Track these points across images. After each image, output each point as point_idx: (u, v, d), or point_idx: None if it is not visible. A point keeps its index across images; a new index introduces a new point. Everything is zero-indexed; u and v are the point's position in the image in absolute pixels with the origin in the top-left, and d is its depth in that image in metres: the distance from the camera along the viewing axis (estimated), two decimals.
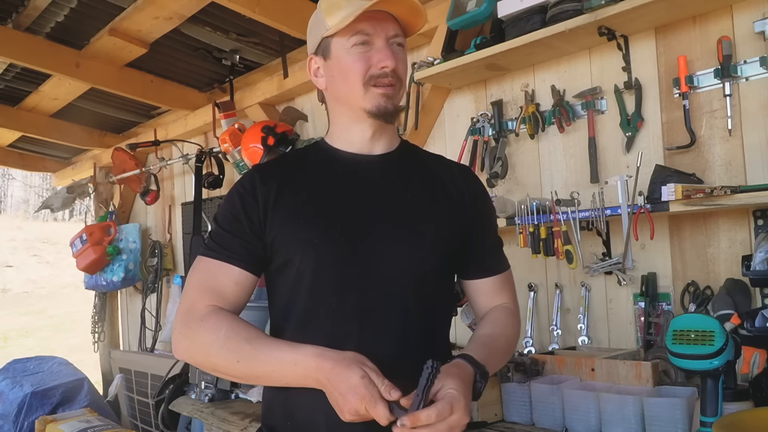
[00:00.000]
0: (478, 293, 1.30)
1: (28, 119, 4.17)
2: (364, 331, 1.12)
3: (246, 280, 1.17)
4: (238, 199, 1.20)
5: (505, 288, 1.31)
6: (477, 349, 1.14)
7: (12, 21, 3.00)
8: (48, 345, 10.55)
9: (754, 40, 1.82)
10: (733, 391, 1.37)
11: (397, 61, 1.17)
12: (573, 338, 2.21)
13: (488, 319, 1.27)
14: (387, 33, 1.17)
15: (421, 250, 1.18)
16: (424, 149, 1.38)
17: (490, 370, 1.12)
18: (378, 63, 1.15)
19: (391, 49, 1.17)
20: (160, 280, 4.38)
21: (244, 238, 1.17)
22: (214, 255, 1.17)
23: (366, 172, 1.23)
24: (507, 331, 1.24)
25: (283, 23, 2.68)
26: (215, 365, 1.12)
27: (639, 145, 2.06)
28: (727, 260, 1.89)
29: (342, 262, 1.14)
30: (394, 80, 1.17)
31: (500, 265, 1.32)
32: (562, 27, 1.98)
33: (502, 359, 1.26)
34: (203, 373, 2.42)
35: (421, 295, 1.17)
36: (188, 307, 1.15)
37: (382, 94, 1.17)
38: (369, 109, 1.18)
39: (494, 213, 1.39)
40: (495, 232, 1.35)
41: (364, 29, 1.15)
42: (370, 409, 0.96)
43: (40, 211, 5.62)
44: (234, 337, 1.09)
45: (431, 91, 2.59)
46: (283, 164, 1.28)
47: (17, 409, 3.89)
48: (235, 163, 3.20)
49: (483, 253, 1.29)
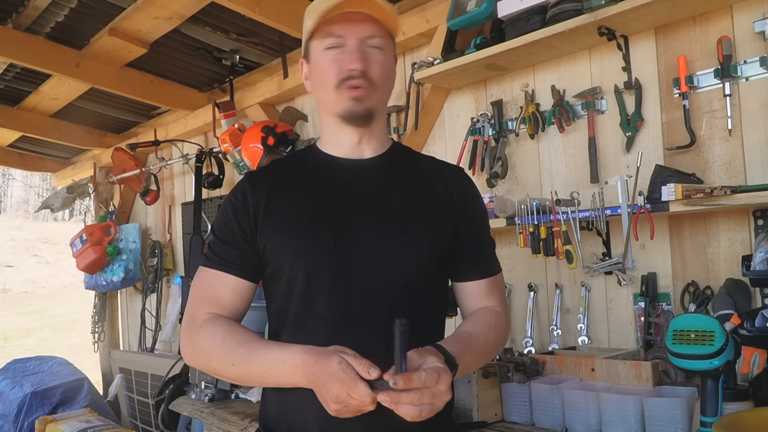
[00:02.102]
0: (465, 295, 1.29)
1: (28, 119, 4.17)
2: (354, 336, 1.12)
3: (242, 287, 1.21)
4: (230, 209, 1.23)
5: (493, 291, 1.29)
6: (451, 343, 1.12)
7: (12, 21, 3.00)
8: (48, 345, 10.55)
9: (754, 40, 1.82)
10: (733, 391, 1.37)
11: (368, 62, 1.15)
12: (573, 338, 2.21)
13: (471, 317, 1.26)
14: (360, 34, 1.15)
15: (410, 254, 1.18)
16: (416, 150, 1.38)
17: (463, 366, 1.09)
18: (347, 65, 1.15)
19: (362, 51, 1.15)
20: (160, 280, 4.38)
21: (238, 247, 1.20)
22: (211, 265, 1.22)
23: (354, 176, 1.24)
24: (488, 332, 1.21)
25: (283, 23, 2.68)
26: (215, 369, 1.16)
27: (639, 145, 2.06)
28: (727, 260, 1.89)
29: (330, 269, 1.16)
30: (363, 82, 1.15)
31: (489, 269, 1.30)
32: (562, 27, 1.98)
33: (479, 358, 1.22)
34: (203, 374, 2.42)
35: (411, 298, 1.17)
36: (190, 316, 1.20)
37: (351, 97, 1.16)
38: (339, 112, 1.19)
39: (486, 214, 1.36)
40: (486, 234, 1.33)
41: (336, 31, 1.15)
42: (351, 392, 0.94)
43: (40, 211, 5.62)
44: (229, 342, 1.13)
45: (431, 91, 2.59)
46: (274, 171, 1.30)
47: (17, 409, 3.89)
48: (235, 163, 3.20)
49: (472, 256, 1.27)
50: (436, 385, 0.95)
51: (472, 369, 1.23)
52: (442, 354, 1.05)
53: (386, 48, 1.19)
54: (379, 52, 1.18)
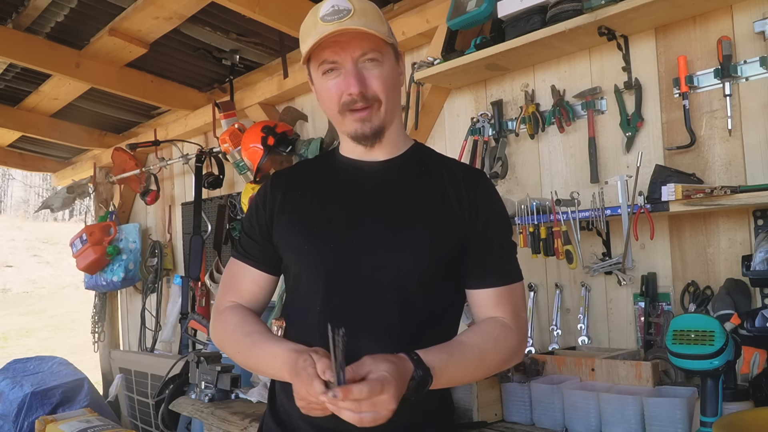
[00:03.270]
0: (473, 304, 1.25)
1: (28, 119, 4.17)
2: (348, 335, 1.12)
3: (262, 279, 1.30)
4: (254, 205, 1.32)
5: (505, 302, 1.21)
6: (434, 352, 1.08)
7: (12, 21, 3.00)
8: (48, 345, 10.55)
9: (754, 40, 1.82)
10: (733, 391, 1.36)
11: (367, 79, 1.16)
12: (573, 338, 2.21)
13: (473, 327, 1.21)
14: (353, 55, 1.15)
15: (409, 257, 1.17)
16: (437, 153, 1.35)
17: (444, 377, 1.07)
18: (345, 90, 1.16)
19: (357, 71, 1.15)
20: (160, 280, 4.38)
21: (258, 242, 1.29)
22: (237, 256, 1.33)
23: (364, 178, 1.25)
24: (485, 344, 1.15)
25: (283, 23, 2.68)
26: (228, 353, 1.27)
27: (639, 145, 2.06)
28: (727, 260, 1.89)
29: (329, 268, 1.19)
30: (365, 103, 1.16)
31: (501, 278, 1.22)
32: (562, 27, 1.98)
33: (470, 370, 1.16)
34: (203, 373, 2.43)
35: (409, 300, 1.17)
36: (217, 302, 1.33)
37: (357, 120, 1.19)
38: (348, 134, 1.23)
39: (502, 219, 1.28)
40: (502, 240, 1.26)
41: (329, 58, 1.16)
42: (308, 389, 0.98)
43: (40, 211, 5.62)
44: (239, 332, 1.23)
45: (431, 91, 2.59)
46: (295, 171, 1.36)
47: (17, 409, 3.89)
48: (235, 163, 3.20)
49: (482, 263, 1.22)
50: (379, 395, 0.94)
51: (463, 381, 1.19)
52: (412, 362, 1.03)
53: (383, 58, 1.18)
54: (376, 65, 1.17)
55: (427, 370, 1.04)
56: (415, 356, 1.05)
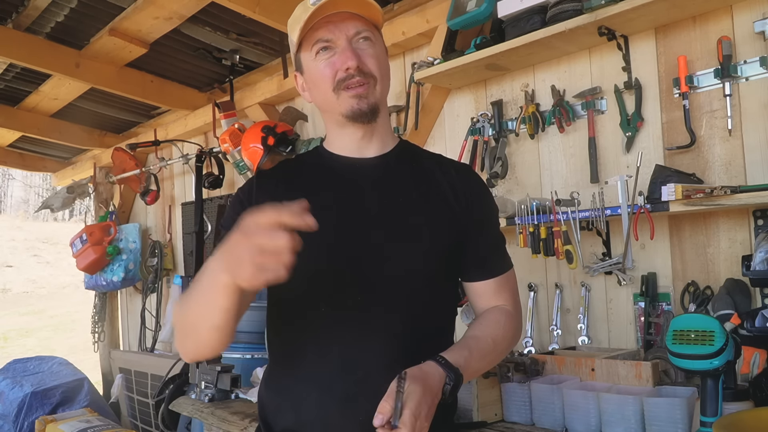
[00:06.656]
0: (476, 295, 1.29)
1: (28, 119, 4.17)
2: (350, 333, 1.12)
3: None
4: (237, 204, 1.24)
5: (504, 289, 1.28)
6: (456, 351, 1.12)
7: (12, 21, 3.00)
8: (48, 345, 10.55)
9: (754, 40, 1.82)
10: (733, 391, 1.36)
11: (362, 57, 1.15)
12: (573, 338, 2.21)
13: (478, 319, 1.26)
14: (347, 33, 1.15)
15: (413, 256, 1.17)
16: (423, 149, 1.37)
17: (469, 372, 1.11)
18: (342, 66, 1.15)
19: (353, 48, 1.15)
20: (160, 280, 4.38)
21: None
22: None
23: (358, 176, 1.23)
24: (496, 332, 1.21)
25: (283, 23, 2.65)
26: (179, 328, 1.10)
27: (639, 145, 2.06)
28: (727, 260, 1.89)
29: (328, 267, 1.16)
30: (363, 78, 1.15)
31: (499, 267, 1.29)
32: (562, 27, 1.98)
33: (488, 360, 1.22)
34: (203, 373, 2.42)
35: (413, 300, 1.17)
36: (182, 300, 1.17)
37: (353, 96, 1.16)
38: (344, 113, 1.19)
39: (494, 210, 1.35)
40: (495, 231, 1.32)
41: (323, 36, 1.15)
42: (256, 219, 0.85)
43: (40, 211, 5.62)
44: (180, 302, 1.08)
45: (431, 91, 2.59)
46: (281, 170, 1.31)
47: (17, 409, 3.90)
48: (235, 163, 3.20)
49: (481, 255, 1.26)
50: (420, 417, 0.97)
51: (482, 371, 1.23)
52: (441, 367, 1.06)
53: (376, 40, 1.19)
54: (370, 44, 1.18)
55: (457, 371, 1.07)
56: (442, 360, 1.07)
